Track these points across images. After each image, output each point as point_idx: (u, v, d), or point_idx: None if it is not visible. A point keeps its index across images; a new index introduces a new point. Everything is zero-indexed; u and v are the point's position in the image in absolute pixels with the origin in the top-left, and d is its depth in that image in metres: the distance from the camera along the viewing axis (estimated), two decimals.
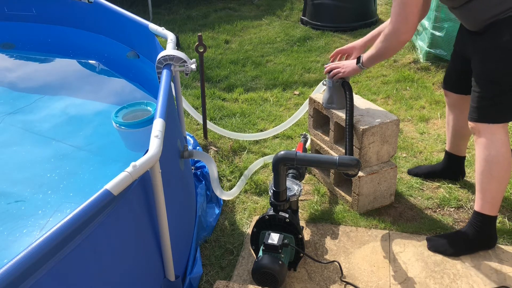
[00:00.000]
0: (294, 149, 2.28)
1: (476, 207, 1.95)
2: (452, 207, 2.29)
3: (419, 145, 2.82)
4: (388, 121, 2.19)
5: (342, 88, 2.22)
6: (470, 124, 1.91)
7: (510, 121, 1.89)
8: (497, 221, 2.15)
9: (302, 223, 2.20)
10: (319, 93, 2.52)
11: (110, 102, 3.25)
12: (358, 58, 2.11)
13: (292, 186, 2.00)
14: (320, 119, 2.52)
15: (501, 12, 1.73)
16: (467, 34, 1.94)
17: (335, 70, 2.21)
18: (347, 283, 1.87)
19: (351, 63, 2.17)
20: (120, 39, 3.65)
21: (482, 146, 1.88)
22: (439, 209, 2.29)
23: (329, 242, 2.09)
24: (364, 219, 2.23)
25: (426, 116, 3.13)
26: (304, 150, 2.43)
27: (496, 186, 1.89)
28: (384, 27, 2.15)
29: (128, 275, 1.42)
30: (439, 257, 1.98)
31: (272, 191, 1.91)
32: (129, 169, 1.28)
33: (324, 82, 2.35)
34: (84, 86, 3.51)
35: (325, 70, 2.27)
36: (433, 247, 2.02)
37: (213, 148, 2.85)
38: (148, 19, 3.71)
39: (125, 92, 3.43)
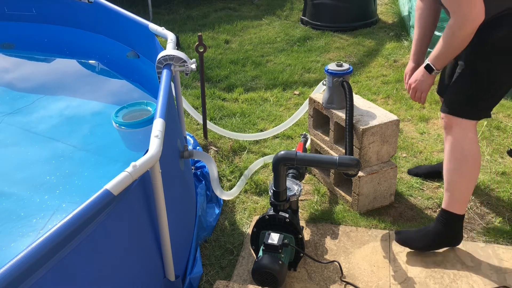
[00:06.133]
0: (294, 149, 2.28)
1: (444, 205, 1.94)
2: None
3: (419, 145, 2.81)
4: (388, 121, 2.19)
5: (342, 88, 2.22)
6: (442, 115, 1.86)
7: (482, 119, 1.87)
8: (497, 221, 2.15)
9: (302, 223, 2.20)
10: (319, 93, 2.52)
11: (110, 102, 3.25)
12: (427, 66, 1.86)
13: (292, 186, 2.00)
14: (320, 119, 2.52)
15: (501, 11, 1.72)
16: None
17: (417, 95, 1.97)
18: (347, 283, 1.87)
19: (420, 79, 1.91)
20: (120, 39, 3.65)
21: (453, 144, 1.85)
22: (439, 209, 2.28)
23: (329, 242, 2.09)
24: (364, 219, 2.23)
25: (426, 116, 3.13)
26: (304, 150, 2.43)
27: (465, 185, 1.88)
28: (424, 30, 2.00)
29: (128, 275, 1.42)
30: (439, 257, 1.98)
31: (272, 191, 1.91)
32: (129, 169, 1.29)
33: (324, 82, 2.35)
34: (84, 86, 3.51)
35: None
36: (401, 240, 2.01)
37: (213, 148, 2.85)
38: (148, 19, 3.70)
39: (125, 92, 3.43)
